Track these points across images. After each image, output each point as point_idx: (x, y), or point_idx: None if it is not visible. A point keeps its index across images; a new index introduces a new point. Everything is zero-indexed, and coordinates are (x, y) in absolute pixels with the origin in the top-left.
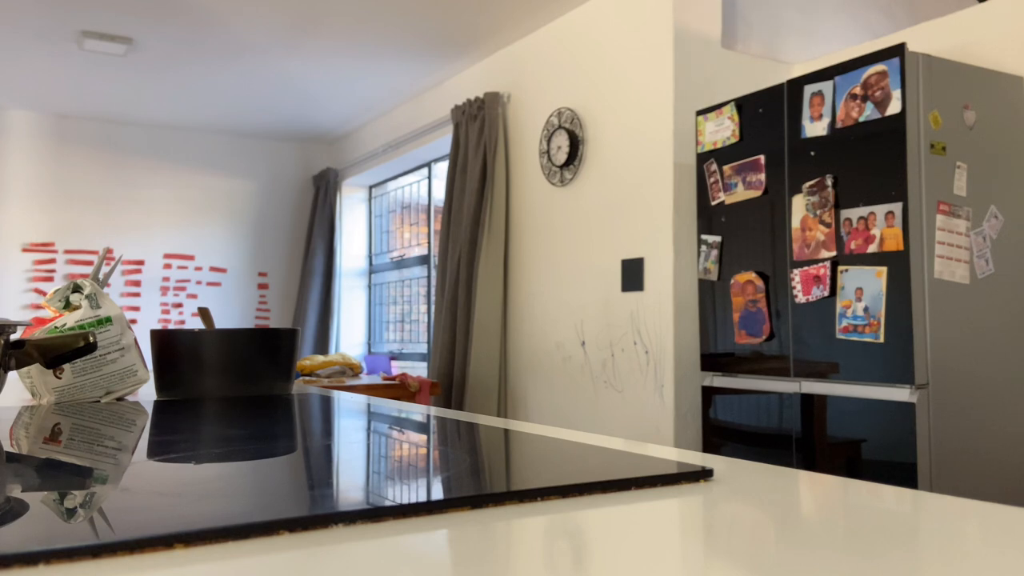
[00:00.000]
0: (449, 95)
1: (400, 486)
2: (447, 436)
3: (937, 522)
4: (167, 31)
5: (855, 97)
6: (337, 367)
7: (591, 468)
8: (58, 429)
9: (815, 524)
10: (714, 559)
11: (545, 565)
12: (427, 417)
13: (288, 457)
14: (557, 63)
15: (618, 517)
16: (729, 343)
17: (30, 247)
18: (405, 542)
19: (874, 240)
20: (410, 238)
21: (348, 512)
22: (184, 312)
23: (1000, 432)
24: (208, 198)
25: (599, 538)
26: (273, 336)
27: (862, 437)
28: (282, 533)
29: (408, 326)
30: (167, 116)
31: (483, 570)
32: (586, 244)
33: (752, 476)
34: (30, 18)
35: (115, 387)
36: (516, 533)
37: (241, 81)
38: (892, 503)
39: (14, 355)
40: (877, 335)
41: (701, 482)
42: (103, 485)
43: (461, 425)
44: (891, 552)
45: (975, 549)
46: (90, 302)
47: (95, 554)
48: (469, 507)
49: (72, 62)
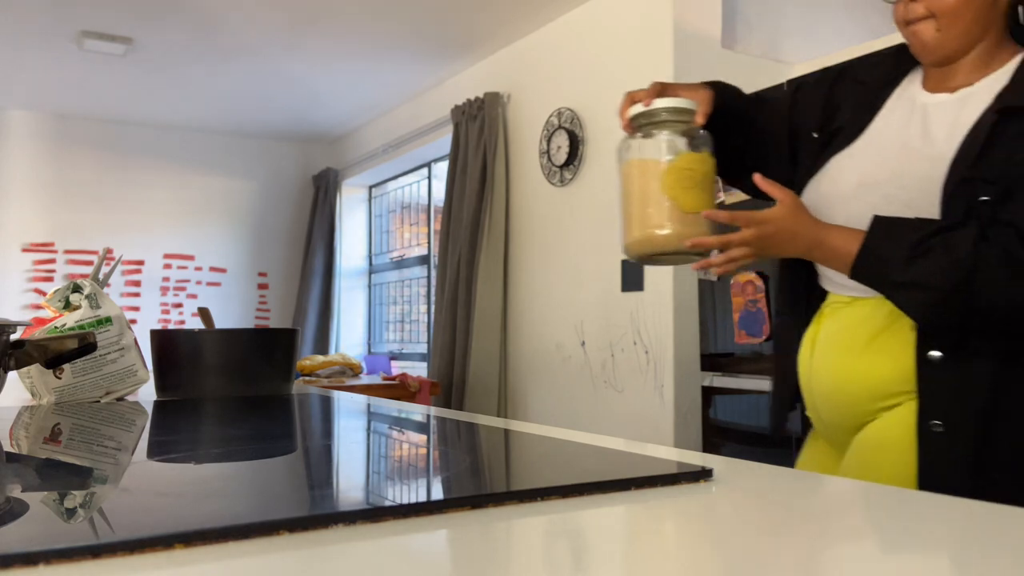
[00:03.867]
0: (449, 95)
1: (400, 486)
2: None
3: (937, 522)
4: (167, 31)
5: None
6: (337, 367)
7: (591, 468)
8: (58, 429)
9: (815, 524)
10: (714, 559)
11: (545, 565)
12: (427, 417)
13: (288, 457)
14: (557, 63)
15: (618, 517)
16: (729, 343)
17: (30, 247)
18: (405, 542)
19: None
20: (410, 238)
21: (348, 512)
22: (184, 312)
23: None
24: (208, 198)
25: (599, 538)
26: (273, 336)
27: None
28: (282, 533)
29: (408, 326)
30: (167, 116)
31: (483, 570)
32: (586, 244)
33: (752, 476)
34: (30, 18)
35: (115, 387)
36: (516, 533)
37: (241, 81)
38: (892, 503)
39: (14, 355)
40: None
41: (701, 482)
42: (103, 485)
43: (461, 425)
44: (891, 552)
45: (975, 549)
46: (90, 302)
47: (95, 554)
48: (469, 507)
49: (72, 62)
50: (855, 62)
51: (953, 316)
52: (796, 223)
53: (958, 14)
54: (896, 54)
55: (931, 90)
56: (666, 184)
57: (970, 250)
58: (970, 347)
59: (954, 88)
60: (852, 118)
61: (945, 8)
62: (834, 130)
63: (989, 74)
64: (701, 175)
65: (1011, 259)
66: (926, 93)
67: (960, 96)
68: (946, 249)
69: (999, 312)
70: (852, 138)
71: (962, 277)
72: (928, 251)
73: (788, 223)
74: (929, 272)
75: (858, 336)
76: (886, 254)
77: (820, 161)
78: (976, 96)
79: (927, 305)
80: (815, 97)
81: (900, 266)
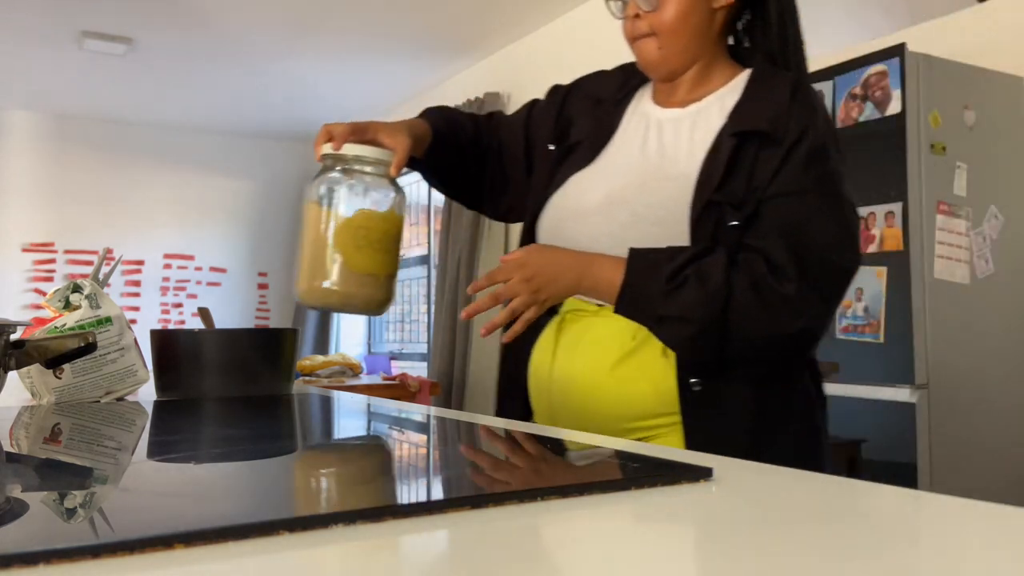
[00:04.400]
0: (449, 95)
1: (400, 486)
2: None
3: (937, 522)
4: (167, 31)
5: (855, 97)
6: (337, 367)
7: (591, 468)
8: (58, 429)
9: (815, 524)
10: (714, 558)
11: (545, 565)
12: (427, 417)
13: (288, 457)
14: (557, 63)
15: (618, 517)
16: None
17: (30, 247)
18: (405, 542)
19: (874, 240)
20: (410, 238)
21: (348, 512)
22: (184, 312)
23: (1000, 432)
24: (208, 198)
25: (599, 538)
26: (273, 336)
27: (862, 437)
28: (282, 533)
29: (408, 326)
30: (167, 116)
31: (483, 570)
32: None
33: (752, 476)
34: (30, 18)
35: (115, 387)
36: (516, 533)
37: (241, 81)
38: (892, 503)
39: (14, 355)
40: (877, 335)
41: (701, 482)
42: (103, 485)
43: (461, 425)
44: (891, 552)
45: (975, 549)
46: (90, 302)
47: (95, 554)
48: (469, 507)
49: (72, 62)
50: (584, 79)
51: (712, 346)
52: (552, 253)
53: (677, 32)
54: (624, 69)
55: (661, 104)
56: (338, 240)
57: (722, 279)
58: (728, 374)
59: (684, 103)
60: (591, 133)
61: (664, 27)
62: (572, 144)
63: (715, 89)
64: (379, 234)
65: (759, 287)
66: (659, 108)
67: (691, 111)
68: (699, 279)
69: (755, 342)
70: (594, 154)
71: (717, 307)
72: (684, 283)
73: (545, 255)
74: (686, 306)
75: (609, 351)
76: (646, 289)
77: (560, 175)
78: (707, 111)
79: (688, 338)
80: (549, 111)
81: (660, 300)
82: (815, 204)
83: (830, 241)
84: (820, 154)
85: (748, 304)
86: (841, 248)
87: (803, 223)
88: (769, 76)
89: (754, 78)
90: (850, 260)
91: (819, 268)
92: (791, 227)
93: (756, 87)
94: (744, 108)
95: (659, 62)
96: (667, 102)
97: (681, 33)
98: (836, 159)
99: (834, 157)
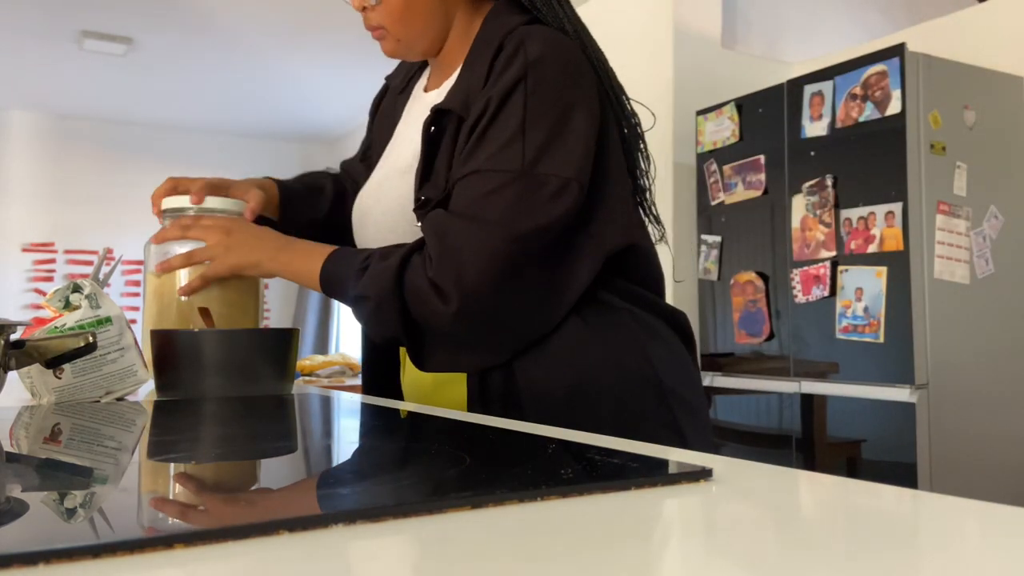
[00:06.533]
0: None
1: (400, 486)
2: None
3: (937, 522)
4: (167, 31)
5: (855, 97)
6: (337, 367)
7: (591, 468)
8: (58, 429)
9: (815, 524)
10: (714, 559)
11: (545, 565)
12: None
13: (288, 457)
14: None
15: (618, 517)
16: (729, 343)
17: (30, 247)
18: (405, 542)
19: (874, 240)
20: None
21: (348, 512)
22: None
23: (1000, 432)
24: None
25: (599, 538)
26: (273, 336)
27: (862, 437)
28: (282, 533)
29: None
30: (167, 116)
31: (483, 570)
32: None
33: (752, 476)
34: (30, 18)
35: (115, 387)
36: (516, 533)
37: (241, 81)
38: (892, 503)
39: (14, 355)
40: (877, 335)
41: (701, 482)
42: (103, 485)
43: (461, 425)
44: (891, 552)
45: (975, 549)
46: (90, 302)
47: (95, 554)
48: (469, 507)
49: (72, 62)
50: (391, 74)
51: (390, 323)
52: (261, 229)
53: (406, 20)
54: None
55: (428, 88)
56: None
57: (397, 260)
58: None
59: (439, 83)
60: (380, 134)
61: (392, 18)
62: (366, 150)
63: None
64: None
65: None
66: (426, 93)
67: (439, 92)
68: (381, 259)
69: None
70: (378, 157)
71: (390, 282)
72: (368, 266)
73: (253, 228)
74: (367, 285)
75: (425, 376)
76: (340, 274)
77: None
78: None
79: (369, 312)
80: (369, 126)
81: (352, 282)
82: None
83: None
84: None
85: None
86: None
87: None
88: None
89: (476, 41)
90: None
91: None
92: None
93: (472, 55)
94: (455, 86)
95: (403, 51)
96: (433, 84)
97: (411, 19)
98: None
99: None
